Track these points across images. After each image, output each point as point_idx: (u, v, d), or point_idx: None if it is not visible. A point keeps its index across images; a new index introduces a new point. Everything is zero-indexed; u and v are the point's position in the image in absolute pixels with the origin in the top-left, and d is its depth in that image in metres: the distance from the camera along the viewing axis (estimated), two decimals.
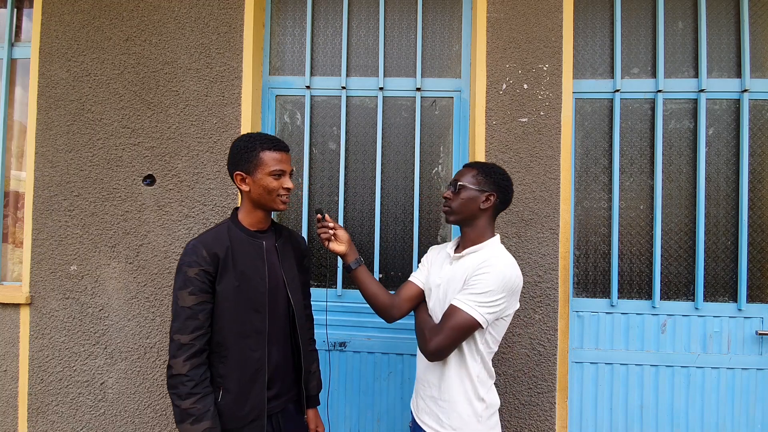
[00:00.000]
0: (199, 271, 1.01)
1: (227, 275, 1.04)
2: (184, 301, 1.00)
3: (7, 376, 1.76)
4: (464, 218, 1.11)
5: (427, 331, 1.07)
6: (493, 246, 1.10)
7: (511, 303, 1.05)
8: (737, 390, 1.68)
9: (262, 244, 1.12)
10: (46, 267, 1.73)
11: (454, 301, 1.02)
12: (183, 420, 0.96)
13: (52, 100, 1.75)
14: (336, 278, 1.82)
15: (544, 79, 1.66)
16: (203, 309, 1.01)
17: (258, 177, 1.05)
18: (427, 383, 1.13)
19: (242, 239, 1.10)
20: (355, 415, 1.78)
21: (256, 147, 1.06)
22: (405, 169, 1.83)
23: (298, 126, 1.86)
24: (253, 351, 1.07)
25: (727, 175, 1.73)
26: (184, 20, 1.74)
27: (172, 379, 0.98)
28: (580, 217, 1.76)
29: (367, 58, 1.85)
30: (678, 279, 1.74)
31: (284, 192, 1.08)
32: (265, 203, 1.09)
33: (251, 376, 1.06)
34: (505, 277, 1.00)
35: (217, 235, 1.07)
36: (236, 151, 1.08)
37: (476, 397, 1.06)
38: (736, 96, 1.73)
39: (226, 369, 1.04)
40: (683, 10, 1.76)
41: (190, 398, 0.96)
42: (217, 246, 1.04)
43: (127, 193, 1.73)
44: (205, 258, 1.02)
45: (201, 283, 1.01)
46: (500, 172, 1.12)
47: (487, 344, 1.06)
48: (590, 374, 1.73)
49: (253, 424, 1.06)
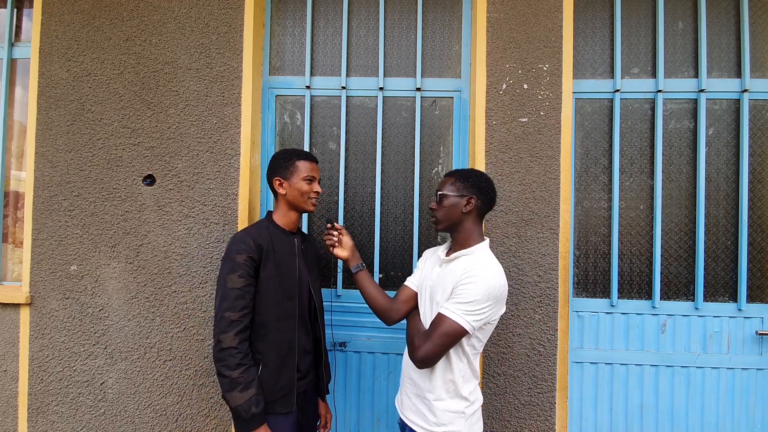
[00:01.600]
0: (247, 258, 1.16)
1: (269, 264, 1.20)
2: (233, 283, 1.13)
3: (7, 376, 1.76)
4: (450, 225, 1.17)
5: (416, 339, 1.11)
6: (481, 252, 1.13)
7: (497, 309, 1.08)
8: (737, 390, 1.68)
9: (294, 241, 1.30)
10: (46, 267, 1.73)
11: (442, 310, 1.06)
12: (233, 388, 1.09)
13: (52, 100, 1.75)
14: (336, 279, 1.82)
15: (544, 79, 1.66)
16: (249, 291, 1.16)
17: (293, 181, 1.26)
18: (412, 382, 1.17)
19: (279, 236, 1.27)
20: (354, 414, 1.78)
21: (292, 157, 1.27)
22: (405, 169, 1.83)
23: (298, 126, 1.86)
24: (287, 333, 1.22)
25: (727, 175, 1.73)
26: (184, 20, 1.74)
27: (221, 353, 1.10)
28: (580, 217, 1.76)
29: (367, 58, 1.85)
30: (678, 279, 1.74)
31: (314, 195, 1.28)
32: (298, 204, 1.28)
33: (285, 355, 1.21)
34: (491, 287, 1.03)
35: (260, 230, 1.24)
36: (276, 161, 1.29)
37: (460, 396, 1.10)
38: (736, 96, 1.73)
39: (265, 347, 1.19)
40: (683, 10, 1.76)
41: (239, 368, 1.10)
42: (261, 239, 1.21)
43: (127, 193, 1.73)
44: (252, 247, 1.17)
45: (249, 268, 1.16)
46: (477, 175, 1.16)
47: (473, 347, 1.10)
48: (590, 374, 1.73)
49: (284, 399, 1.20)
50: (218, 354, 1.11)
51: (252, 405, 1.10)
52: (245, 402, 1.09)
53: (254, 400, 1.10)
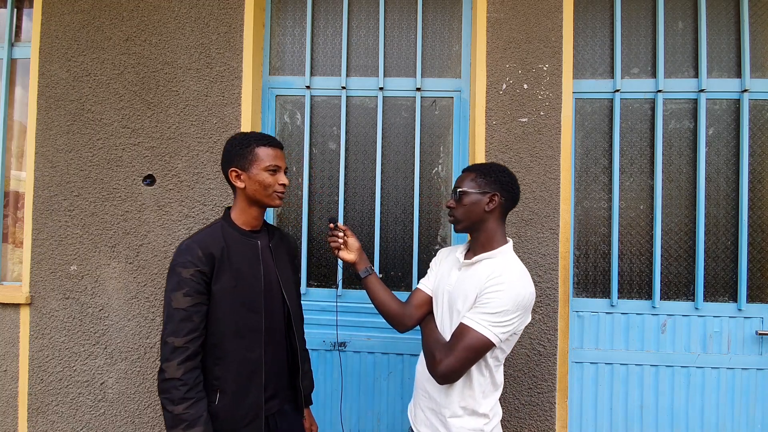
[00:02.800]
0: (194, 272, 0.98)
1: (223, 275, 1.02)
2: (178, 303, 0.97)
3: (7, 376, 1.76)
4: (471, 224, 1.07)
5: (437, 352, 1.01)
6: (506, 255, 1.04)
7: (525, 319, 1.00)
8: (737, 390, 1.68)
9: (257, 244, 1.11)
10: (46, 267, 1.73)
11: (466, 320, 0.97)
12: (175, 425, 0.94)
13: (52, 100, 1.75)
14: (336, 278, 1.82)
15: (544, 79, 1.66)
16: (198, 311, 0.98)
17: (254, 173, 1.05)
18: (428, 395, 1.08)
19: (237, 239, 1.08)
20: (354, 415, 1.78)
21: (251, 143, 1.06)
22: (405, 169, 1.83)
23: (298, 126, 1.86)
24: (250, 351, 1.05)
25: (727, 175, 1.73)
26: (184, 20, 1.74)
27: (164, 383, 0.95)
28: (580, 217, 1.76)
29: (367, 58, 1.85)
30: (678, 279, 1.74)
31: (280, 188, 1.08)
32: (261, 199, 1.08)
33: (248, 377, 1.05)
34: (519, 295, 0.95)
35: (212, 235, 1.05)
36: (231, 147, 1.07)
37: (479, 413, 1.02)
38: (736, 96, 1.73)
39: (223, 370, 1.02)
40: (683, 10, 1.76)
41: (183, 403, 0.94)
42: (213, 246, 1.02)
43: (127, 193, 1.73)
44: (201, 258, 0.99)
45: (196, 284, 0.98)
46: (500, 170, 1.07)
47: (496, 358, 1.02)
48: (590, 374, 1.73)
49: (250, 426, 1.04)
50: (161, 385, 0.95)
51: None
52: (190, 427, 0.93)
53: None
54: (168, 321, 0.97)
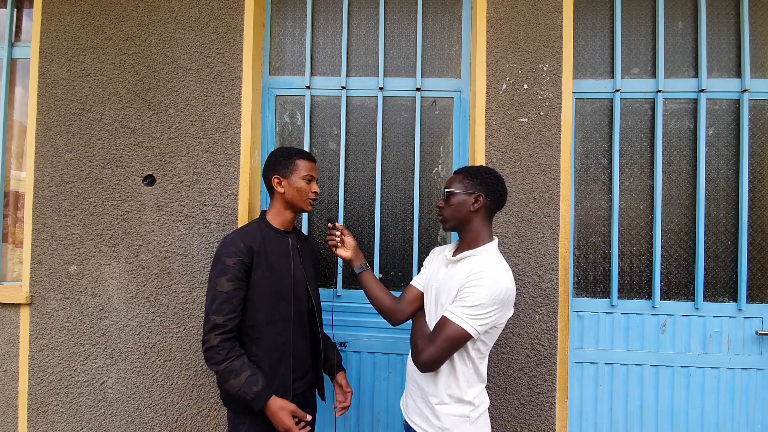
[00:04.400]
0: (237, 261, 1.14)
1: (260, 266, 1.19)
2: (221, 287, 1.13)
3: (7, 376, 1.76)
4: (457, 223, 1.14)
5: (419, 342, 1.08)
6: (489, 253, 1.10)
7: (504, 313, 1.05)
8: (737, 390, 1.68)
9: (288, 241, 1.29)
10: (46, 267, 1.73)
11: (446, 313, 1.04)
12: (225, 380, 1.10)
13: (52, 100, 1.75)
14: (336, 278, 1.82)
15: (544, 79, 1.66)
16: (237, 295, 1.15)
17: (293, 180, 1.24)
18: (417, 385, 1.15)
19: (272, 236, 1.25)
20: (354, 414, 1.78)
21: (293, 155, 1.26)
22: (405, 169, 1.83)
23: (298, 126, 1.86)
24: (281, 335, 1.22)
25: (727, 175, 1.73)
26: (184, 20, 1.74)
27: (207, 352, 1.12)
28: (580, 217, 1.76)
29: (367, 58, 1.85)
30: (678, 279, 1.74)
31: (313, 195, 1.27)
32: (296, 204, 1.26)
33: (279, 358, 1.21)
34: (497, 290, 1.00)
35: (251, 231, 1.23)
36: (275, 158, 1.26)
37: (464, 400, 1.08)
38: (736, 96, 1.73)
39: (259, 349, 1.19)
40: (683, 10, 1.76)
41: (225, 361, 1.10)
42: (252, 240, 1.19)
43: (127, 193, 1.73)
44: (242, 250, 1.16)
45: (238, 271, 1.14)
46: (486, 172, 1.13)
47: (478, 350, 1.08)
48: (590, 374, 1.73)
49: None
50: (206, 353, 1.13)
51: (252, 385, 1.09)
52: (243, 385, 1.09)
53: (252, 380, 1.10)
54: (212, 302, 1.13)
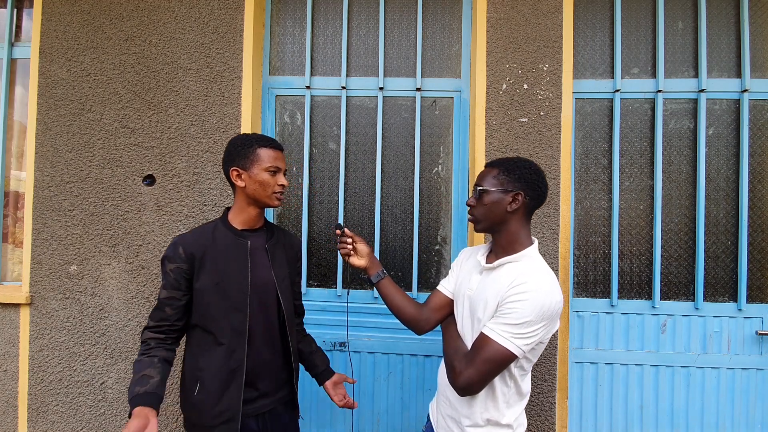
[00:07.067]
0: (174, 268, 1.06)
1: (204, 273, 1.07)
2: (160, 293, 1.08)
3: (7, 376, 1.76)
4: (492, 225, 1.00)
5: (456, 362, 0.95)
6: (530, 259, 0.97)
7: (551, 328, 0.93)
8: (737, 390, 1.68)
9: (246, 244, 1.12)
10: (46, 267, 1.73)
11: (486, 330, 0.91)
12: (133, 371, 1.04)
13: (52, 100, 1.75)
14: (336, 278, 1.82)
15: (544, 79, 1.66)
16: (170, 304, 1.07)
17: (254, 172, 1.08)
18: (449, 402, 1.03)
19: (226, 238, 1.11)
20: (354, 415, 1.78)
21: (253, 144, 1.09)
22: (405, 169, 1.83)
23: (298, 126, 1.86)
24: (232, 350, 1.07)
25: (727, 175, 1.73)
26: (184, 20, 1.74)
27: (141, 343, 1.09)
28: (580, 217, 1.76)
29: (367, 58, 1.85)
30: (678, 279, 1.74)
31: (279, 189, 1.11)
32: (260, 199, 1.10)
33: (228, 376, 1.06)
34: (545, 305, 0.88)
35: (201, 234, 1.11)
36: (233, 147, 1.10)
37: (501, 423, 0.96)
38: (736, 96, 1.73)
39: (206, 362, 1.07)
40: (683, 10, 1.76)
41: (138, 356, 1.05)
42: (195, 245, 1.08)
43: (127, 193, 1.73)
44: (181, 256, 1.06)
45: (174, 279, 1.06)
46: (525, 166, 0.98)
47: (521, 368, 0.96)
48: (590, 374, 1.72)
49: (226, 425, 1.05)
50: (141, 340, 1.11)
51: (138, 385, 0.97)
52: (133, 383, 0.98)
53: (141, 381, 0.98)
54: None
